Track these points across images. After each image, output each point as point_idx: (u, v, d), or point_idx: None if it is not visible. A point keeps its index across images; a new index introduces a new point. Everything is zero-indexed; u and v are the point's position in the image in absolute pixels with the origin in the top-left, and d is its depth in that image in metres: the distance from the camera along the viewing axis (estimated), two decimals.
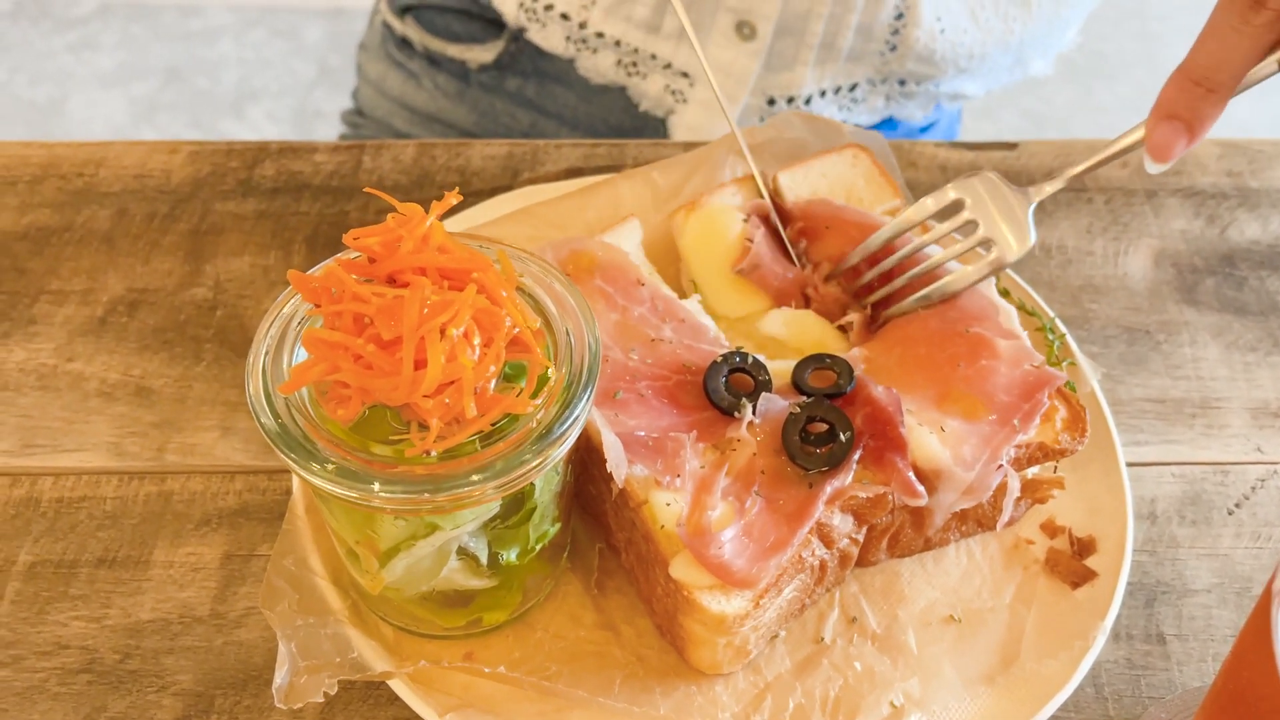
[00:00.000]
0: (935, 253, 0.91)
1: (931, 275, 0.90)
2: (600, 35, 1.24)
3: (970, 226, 0.89)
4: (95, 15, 3.48)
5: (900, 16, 1.19)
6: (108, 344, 1.01)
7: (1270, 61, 0.75)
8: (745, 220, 0.95)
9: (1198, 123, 0.77)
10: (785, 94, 1.26)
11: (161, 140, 1.17)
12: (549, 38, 1.27)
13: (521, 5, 1.26)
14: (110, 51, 3.39)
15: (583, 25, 1.25)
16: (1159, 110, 0.78)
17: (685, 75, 1.25)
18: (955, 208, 0.90)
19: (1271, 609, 0.56)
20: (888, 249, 0.91)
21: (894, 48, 1.23)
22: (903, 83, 1.28)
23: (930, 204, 0.90)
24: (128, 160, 1.15)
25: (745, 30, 1.20)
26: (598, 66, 1.28)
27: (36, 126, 3.18)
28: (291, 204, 1.12)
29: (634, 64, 1.27)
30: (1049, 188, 0.88)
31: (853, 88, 1.27)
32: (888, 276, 0.92)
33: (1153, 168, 0.80)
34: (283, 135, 3.15)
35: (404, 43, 1.39)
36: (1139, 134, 0.81)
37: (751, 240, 0.93)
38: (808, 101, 1.26)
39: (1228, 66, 0.75)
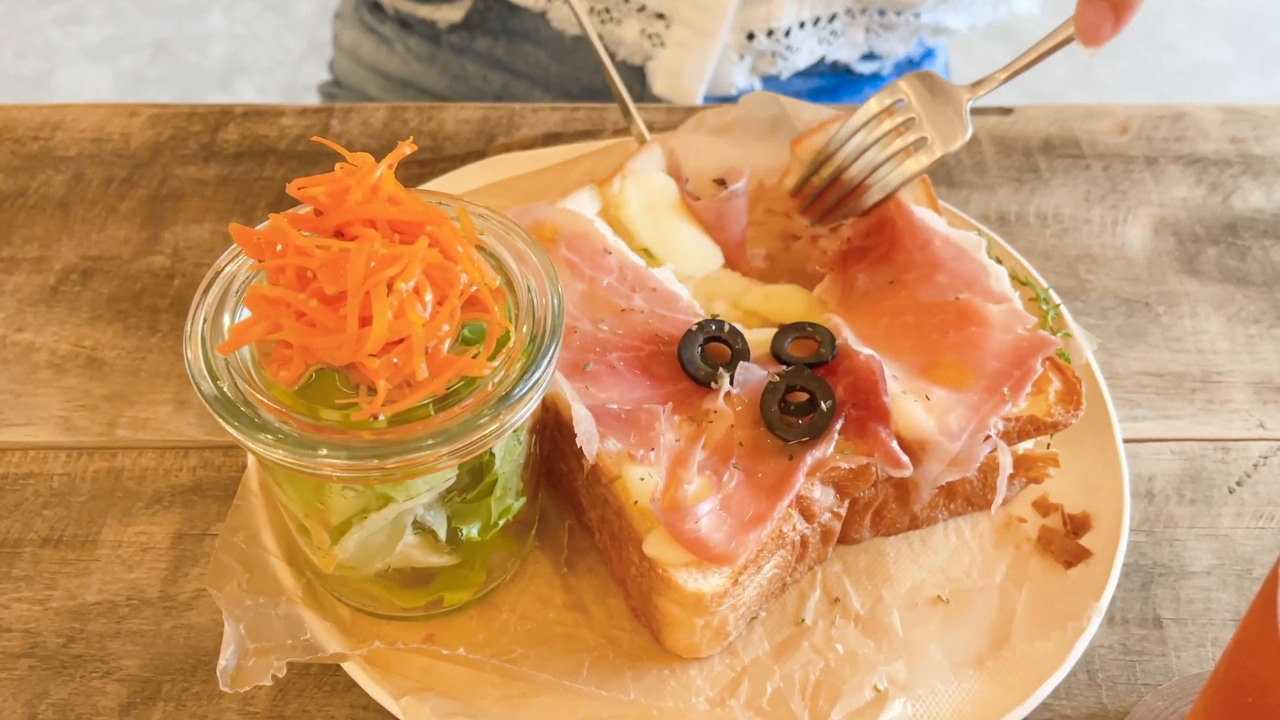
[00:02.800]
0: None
1: (872, 179, 0.90)
2: None
3: (908, 124, 0.89)
4: None
5: None
6: (59, 314, 0.96)
7: None
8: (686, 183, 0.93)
9: (1124, 2, 0.78)
10: (765, 27, 1.21)
11: (121, 103, 1.13)
12: None
13: None
14: (98, 25, 3.35)
15: None
16: None
17: (661, 17, 1.21)
18: (895, 108, 0.90)
19: (1278, 593, 0.52)
20: (832, 156, 0.92)
21: None
22: (882, 13, 1.24)
23: (874, 105, 0.90)
24: (85, 123, 1.10)
25: None
26: (569, 17, 1.23)
27: (22, 100, 3.13)
28: (256, 169, 1.07)
29: (607, 10, 1.22)
30: (987, 85, 0.88)
31: (832, 18, 1.23)
32: (837, 188, 0.92)
33: (1085, 52, 0.81)
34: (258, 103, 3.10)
35: (375, 7, 1.37)
36: (1071, 27, 0.82)
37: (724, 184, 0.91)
38: (787, 34, 1.22)
39: None
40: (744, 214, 0.91)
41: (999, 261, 0.94)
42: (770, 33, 1.21)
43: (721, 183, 0.92)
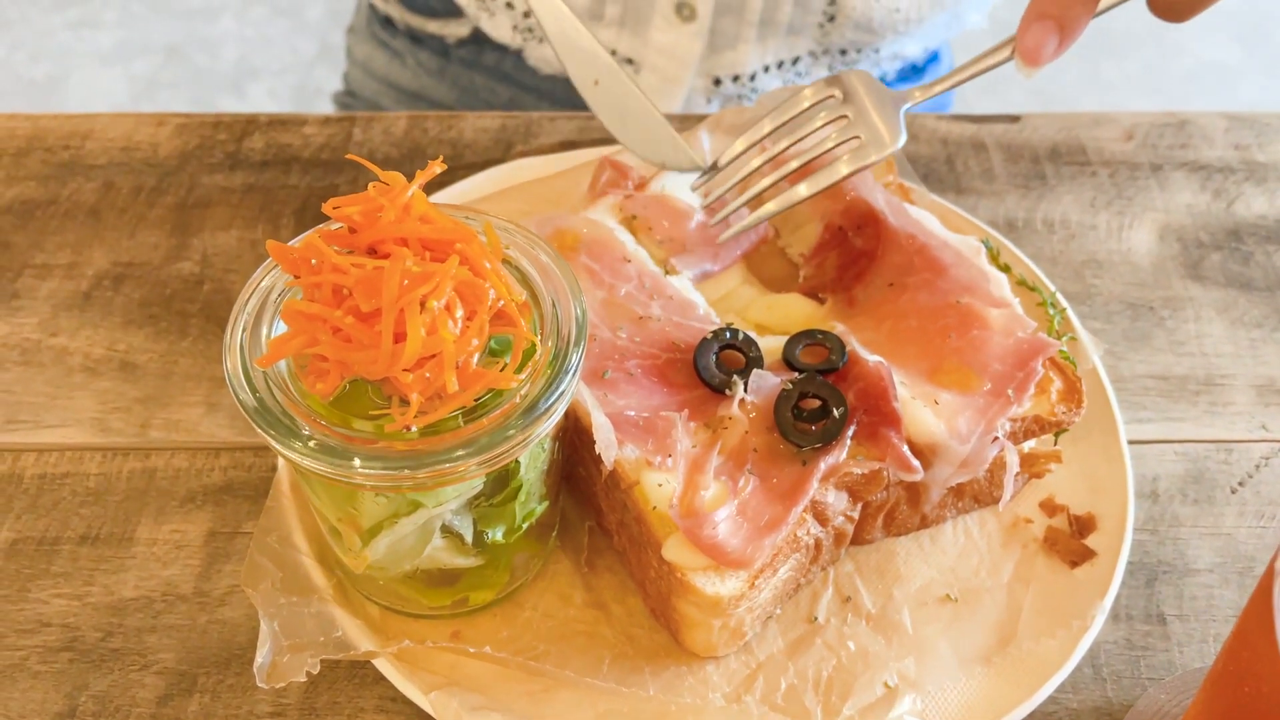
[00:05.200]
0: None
1: (806, 169, 0.86)
2: None
3: (842, 121, 0.85)
4: None
5: None
6: (92, 318, 0.99)
7: None
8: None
9: (1068, 24, 0.76)
10: (730, 72, 1.26)
11: (148, 112, 1.16)
12: (498, 27, 1.28)
13: None
14: (110, 29, 3.37)
15: (527, 14, 1.25)
16: (1031, 11, 0.77)
17: (631, 62, 1.25)
18: (830, 102, 0.86)
19: (1273, 588, 0.55)
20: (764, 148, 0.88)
21: (832, 18, 1.23)
22: (844, 52, 1.28)
23: (808, 95, 0.86)
24: (114, 133, 1.13)
25: (685, 12, 1.21)
26: (545, 56, 1.28)
27: (36, 104, 3.16)
28: (280, 177, 1.10)
29: None
30: (920, 94, 0.85)
31: (795, 61, 1.27)
32: (756, 177, 0.88)
33: (1023, 72, 0.78)
34: (282, 112, 3.13)
35: (387, 22, 1.41)
36: (1010, 48, 0.79)
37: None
38: (753, 78, 1.26)
39: None
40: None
41: (1007, 267, 0.96)
42: (736, 78, 1.26)
43: None
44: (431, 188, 1.00)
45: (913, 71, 1.43)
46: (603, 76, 0.89)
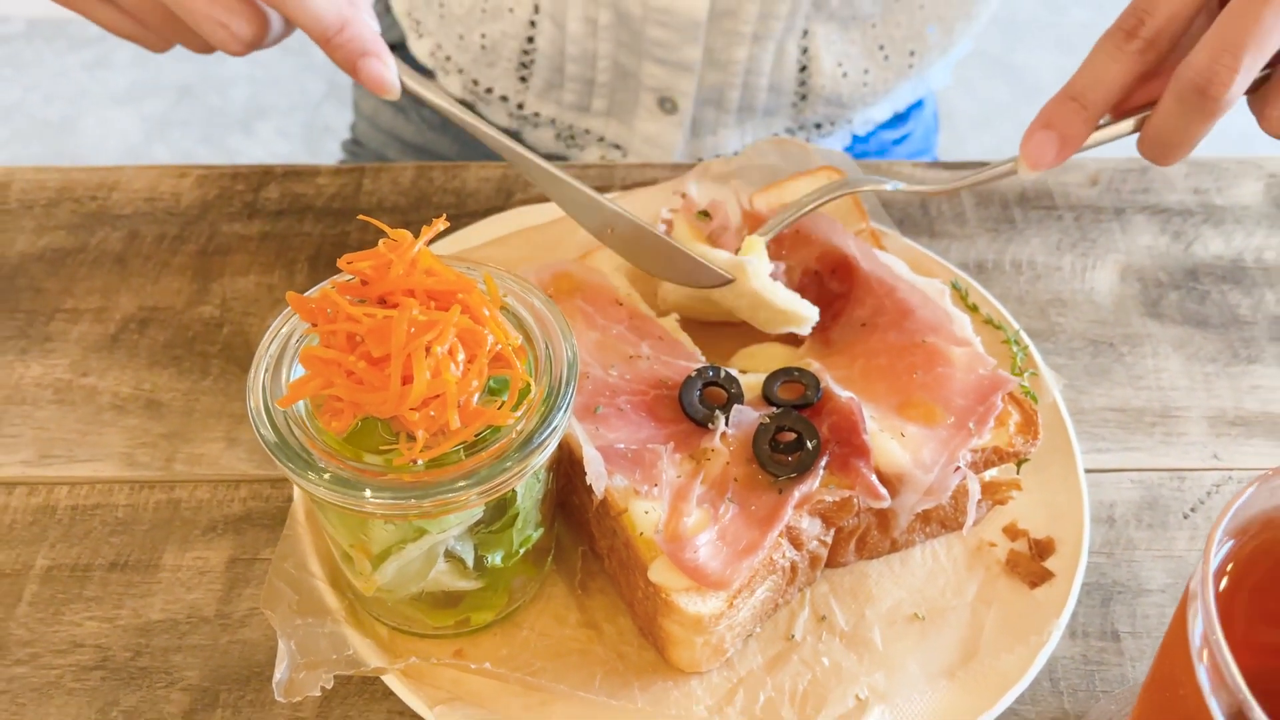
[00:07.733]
0: None
1: None
2: (537, 114, 1.35)
3: None
4: (109, 34, 3.54)
5: (804, 69, 1.28)
6: (120, 359, 1.06)
7: (1126, 123, 0.86)
8: None
9: (1069, 136, 0.85)
10: (713, 153, 1.36)
11: (171, 165, 1.23)
12: (493, 114, 1.38)
13: (465, 88, 1.37)
14: (123, 70, 3.46)
15: (520, 106, 1.35)
16: (1038, 120, 0.86)
17: (618, 148, 1.35)
18: None
19: (1187, 606, 0.61)
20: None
21: (804, 97, 1.31)
22: (819, 126, 1.37)
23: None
24: (139, 184, 1.20)
25: (667, 105, 1.30)
26: (539, 138, 1.39)
27: (51, 145, 3.24)
28: (295, 225, 1.17)
29: (571, 137, 1.37)
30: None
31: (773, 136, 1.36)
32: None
33: (1025, 174, 0.87)
34: (293, 151, 3.21)
35: None
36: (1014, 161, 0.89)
37: None
38: (735, 155, 1.35)
39: (1100, 87, 0.83)
40: None
41: (974, 307, 1.03)
42: (718, 156, 1.34)
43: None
44: (436, 236, 1.07)
45: (897, 119, 1.50)
46: (614, 224, 0.94)
